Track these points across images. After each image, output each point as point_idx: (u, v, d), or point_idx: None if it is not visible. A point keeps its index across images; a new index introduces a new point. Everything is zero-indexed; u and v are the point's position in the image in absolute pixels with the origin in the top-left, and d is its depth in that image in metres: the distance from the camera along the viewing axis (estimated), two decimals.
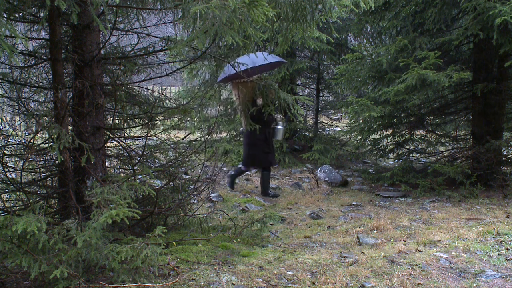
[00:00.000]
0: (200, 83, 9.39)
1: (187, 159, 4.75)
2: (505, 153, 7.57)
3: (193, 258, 3.80)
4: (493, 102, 7.08)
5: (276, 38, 5.11)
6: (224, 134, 11.00)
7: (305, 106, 11.40)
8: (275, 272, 3.53)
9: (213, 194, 6.83)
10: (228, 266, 3.66)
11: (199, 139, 8.01)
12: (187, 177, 5.34)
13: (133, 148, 4.60)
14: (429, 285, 3.23)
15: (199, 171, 5.00)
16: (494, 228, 4.60)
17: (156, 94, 4.67)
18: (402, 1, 7.23)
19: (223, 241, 4.46)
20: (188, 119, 4.48)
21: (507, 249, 3.93)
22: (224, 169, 9.11)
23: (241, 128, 9.86)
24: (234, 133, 10.62)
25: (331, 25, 5.19)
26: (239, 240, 4.63)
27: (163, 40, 4.45)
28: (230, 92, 9.21)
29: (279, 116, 6.68)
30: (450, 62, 7.40)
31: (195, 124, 8.91)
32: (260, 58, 6.10)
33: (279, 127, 7.28)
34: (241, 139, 10.13)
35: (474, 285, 3.19)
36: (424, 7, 6.96)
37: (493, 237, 4.31)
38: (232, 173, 7.66)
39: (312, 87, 11.79)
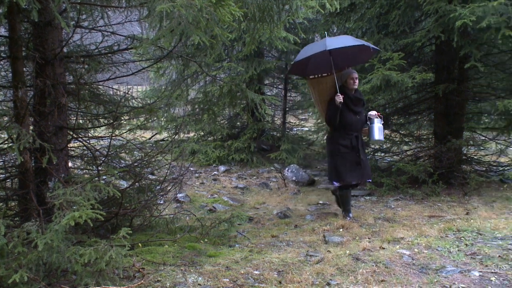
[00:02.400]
0: (167, 82, 9.30)
1: (153, 159, 4.70)
2: (465, 152, 7.80)
3: (159, 259, 3.76)
4: (454, 102, 7.29)
5: (244, 38, 5.12)
6: (191, 134, 10.93)
7: (273, 106, 11.46)
8: (242, 272, 3.53)
9: (180, 195, 6.77)
10: (194, 266, 3.64)
11: (166, 139, 7.94)
12: (153, 177, 5.28)
13: (98, 148, 4.52)
14: (392, 281, 3.30)
15: (166, 171, 4.95)
16: (454, 225, 4.74)
17: (121, 93, 4.59)
18: (367, 3, 7.36)
19: (190, 241, 4.43)
20: (154, 118, 4.44)
21: (466, 245, 4.06)
22: (192, 169, 9.06)
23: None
24: (202, 133, 10.57)
25: (298, 26, 5.24)
26: (206, 240, 4.61)
27: (129, 39, 4.39)
28: (198, 91, 9.16)
29: (371, 113, 5.49)
30: (414, 63, 7.58)
31: (162, 124, 8.82)
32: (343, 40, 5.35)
33: (375, 124, 5.45)
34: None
35: (435, 280, 3.28)
36: (388, 9, 7.10)
37: (453, 234, 4.44)
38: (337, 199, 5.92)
39: (280, 87, 11.87)
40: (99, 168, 4.22)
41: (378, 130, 5.42)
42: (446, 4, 6.04)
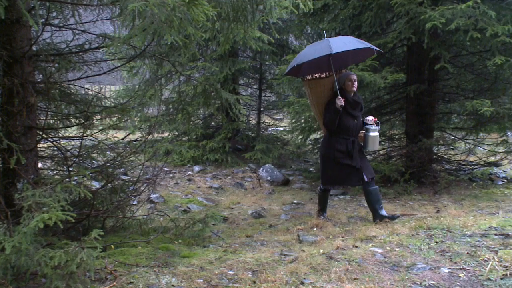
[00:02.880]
0: (140, 82, 9.18)
1: (126, 160, 4.64)
2: (435, 151, 7.97)
3: (132, 260, 3.72)
4: (424, 103, 7.44)
5: (218, 37, 5.10)
6: (166, 134, 10.83)
7: (248, 106, 11.46)
8: (216, 272, 3.52)
9: (154, 195, 6.71)
10: (168, 267, 3.61)
11: (139, 139, 7.85)
12: (126, 178, 5.21)
13: (69, 148, 4.43)
14: (364, 279, 3.34)
15: (139, 171, 4.90)
16: (425, 223, 4.84)
17: (93, 92, 4.52)
18: (340, 4, 7.44)
19: (164, 242, 4.40)
20: (127, 118, 4.38)
21: (436, 242, 4.15)
22: (166, 169, 8.98)
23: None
24: (176, 133, 10.49)
25: (271, 26, 5.25)
26: (180, 241, 4.58)
27: (100, 37, 4.32)
28: (172, 91, 9.08)
29: (369, 118, 5.31)
30: (386, 64, 7.69)
31: (136, 123, 8.72)
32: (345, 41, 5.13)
33: (371, 134, 5.26)
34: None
35: (406, 277, 3.34)
36: (361, 11, 7.20)
37: (424, 232, 4.53)
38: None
39: (254, 87, 11.88)
40: (70, 169, 4.14)
41: (373, 141, 5.27)
42: (417, 6, 6.16)
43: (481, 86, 7.47)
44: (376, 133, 5.27)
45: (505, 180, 7.58)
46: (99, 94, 4.31)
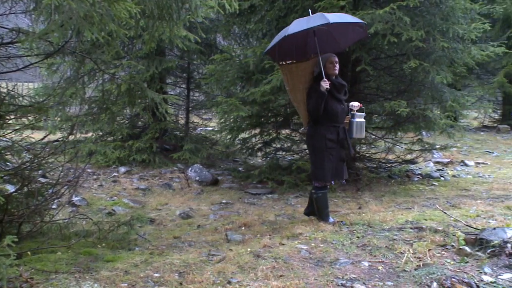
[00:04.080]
0: (61, 79, 8.73)
1: (44, 161, 4.39)
2: (358, 150, 8.32)
3: (50, 267, 3.53)
4: (347, 103, 7.72)
5: (143, 35, 4.97)
6: (89, 134, 10.40)
7: (176, 105, 11.30)
8: (142, 276, 3.44)
9: (76, 198, 6.42)
10: (90, 273, 3.47)
11: (60, 139, 7.47)
12: (45, 180, 4.94)
13: None
14: (290, 276, 3.42)
15: (59, 173, 4.66)
16: (348, 219, 5.04)
17: (6, 90, 4.23)
18: (267, 5, 7.54)
19: (86, 247, 4.22)
20: (44, 118, 4.15)
21: (357, 237, 4.33)
22: (89, 171, 8.63)
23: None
24: (101, 133, 10.11)
25: (197, 25, 5.21)
26: (104, 245, 4.42)
27: (13, 32, 4.06)
28: (95, 90, 8.73)
29: (354, 104, 4.97)
30: None
31: (56, 123, 8.28)
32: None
33: (357, 119, 4.99)
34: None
35: (329, 272, 3.46)
36: (286, 12, 7.33)
37: (347, 227, 4.71)
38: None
39: (182, 86, 11.73)
40: None
41: (360, 127, 4.96)
42: (339, 10, 6.39)
43: (398, 87, 7.90)
44: (363, 119, 5.01)
45: (420, 177, 8.08)
46: (13, 92, 4.05)
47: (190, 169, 8.73)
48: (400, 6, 6.11)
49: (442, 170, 8.87)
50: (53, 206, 4.87)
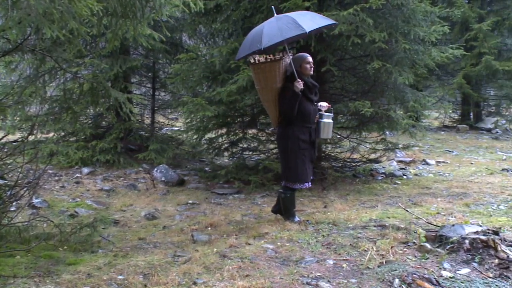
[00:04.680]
0: (19, 78, 8.46)
1: (2, 162, 4.25)
2: (323, 149, 8.42)
3: (8, 271, 3.42)
4: None
5: (107, 34, 4.87)
6: (51, 134, 10.11)
7: (141, 105, 11.13)
8: (105, 278, 3.38)
9: (36, 200, 6.23)
10: (51, 276, 3.39)
11: (20, 139, 7.24)
12: (3, 182, 4.78)
13: None
14: (256, 275, 3.43)
15: (18, 175, 4.51)
16: (313, 218, 5.10)
17: None
18: (232, 5, 7.53)
19: (47, 250, 4.11)
20: (2, 117, 4.02)
21: (323, 236, 4.39)
22: (50, 172, 8.40)
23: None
24: (63, 133, 9.84)
25: (162, 24, 5.15)
26: (65, 247, 4.31)
27: None
28: (56, 89, 8.50)
29: (323, 104, 4.94)
30: None
31: (16, 123, 8.01)
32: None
33: (325, 120, 4.96)
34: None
35: (295, 271, 3.49)
36: (252, 13, 7.34)
37: (313, 226, 4.77)
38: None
39: (148, 85, 11.56)
40: None
41: (328, 128, 4.94)
42: (304, 10, 6.45)
43: (362, 88, 8.04)
44: (331, 120, 4.98)
45: (384, 176, 8.25)
46: None
47: (155, 169, 8.62)
48: (364, 8, 6.22)
49: (404, 169, 9.08)
50: (12, 209, 4.72)
